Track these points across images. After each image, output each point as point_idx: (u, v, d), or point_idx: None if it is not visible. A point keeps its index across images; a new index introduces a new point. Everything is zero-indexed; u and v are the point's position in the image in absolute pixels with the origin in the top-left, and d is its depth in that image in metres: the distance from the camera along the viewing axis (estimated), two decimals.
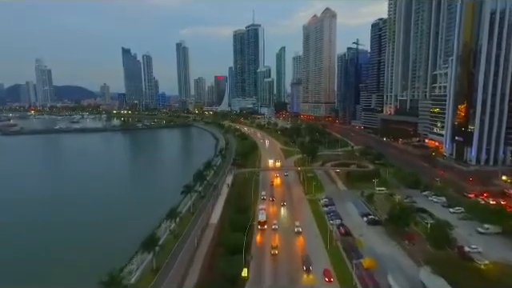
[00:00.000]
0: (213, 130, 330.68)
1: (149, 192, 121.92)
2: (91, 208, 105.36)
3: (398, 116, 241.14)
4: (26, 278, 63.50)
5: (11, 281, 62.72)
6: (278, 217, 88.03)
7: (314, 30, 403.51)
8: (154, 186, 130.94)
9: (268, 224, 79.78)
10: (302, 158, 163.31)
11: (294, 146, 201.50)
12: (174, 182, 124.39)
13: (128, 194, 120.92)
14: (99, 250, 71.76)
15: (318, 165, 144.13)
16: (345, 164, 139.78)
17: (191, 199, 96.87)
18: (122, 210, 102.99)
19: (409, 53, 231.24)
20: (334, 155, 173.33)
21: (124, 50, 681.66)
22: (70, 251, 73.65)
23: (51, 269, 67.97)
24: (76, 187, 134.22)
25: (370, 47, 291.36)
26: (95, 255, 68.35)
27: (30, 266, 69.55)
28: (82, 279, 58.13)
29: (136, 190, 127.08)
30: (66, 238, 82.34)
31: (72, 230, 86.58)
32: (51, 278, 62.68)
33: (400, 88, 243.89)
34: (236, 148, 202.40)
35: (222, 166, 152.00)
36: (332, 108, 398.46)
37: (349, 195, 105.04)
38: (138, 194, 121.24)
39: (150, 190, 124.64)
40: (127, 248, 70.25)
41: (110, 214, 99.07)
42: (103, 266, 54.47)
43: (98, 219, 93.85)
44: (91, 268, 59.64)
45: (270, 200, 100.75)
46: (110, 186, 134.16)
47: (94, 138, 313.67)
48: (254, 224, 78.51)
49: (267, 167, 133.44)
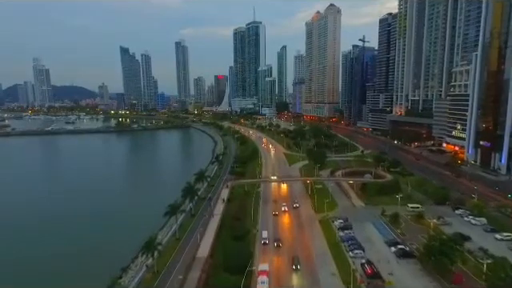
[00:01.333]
0: (211, 131, 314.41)
1: (131, 210, 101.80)
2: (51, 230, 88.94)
3: (410, 117, 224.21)
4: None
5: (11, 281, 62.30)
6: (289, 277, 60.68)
7: (318, 27, 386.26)
8: (139, 201, 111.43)
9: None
10: (309, 165, 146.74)
11: (299, 150, 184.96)
12: (163, 194, 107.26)
13: (103, 213, 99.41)
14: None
15: (328, 173, 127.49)
16: (357, 173, 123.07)
17: (177, 221, 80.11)
18: (90, 236, 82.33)
19: (421, 49, 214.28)
20: (344, 161, 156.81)
21: (122, 49, 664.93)
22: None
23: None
24: (46, 200, 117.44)
25: (378, 44, 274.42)
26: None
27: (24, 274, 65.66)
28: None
29: (117, 206, 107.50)
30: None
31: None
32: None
33: (411, 87, 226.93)
34: (235, 153, 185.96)
35: (219, 174, 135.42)
36: (336, 108, 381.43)
37: (367, 214, 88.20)
38: (117, 212, 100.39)
39: (134, 205, 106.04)
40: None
41: (75, 240, 79.46)
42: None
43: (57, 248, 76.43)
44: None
45: (273, 246, 70.00)
46: (87, 198, 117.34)
47: (85, 139, 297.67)
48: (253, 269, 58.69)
49: (269, 178, 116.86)
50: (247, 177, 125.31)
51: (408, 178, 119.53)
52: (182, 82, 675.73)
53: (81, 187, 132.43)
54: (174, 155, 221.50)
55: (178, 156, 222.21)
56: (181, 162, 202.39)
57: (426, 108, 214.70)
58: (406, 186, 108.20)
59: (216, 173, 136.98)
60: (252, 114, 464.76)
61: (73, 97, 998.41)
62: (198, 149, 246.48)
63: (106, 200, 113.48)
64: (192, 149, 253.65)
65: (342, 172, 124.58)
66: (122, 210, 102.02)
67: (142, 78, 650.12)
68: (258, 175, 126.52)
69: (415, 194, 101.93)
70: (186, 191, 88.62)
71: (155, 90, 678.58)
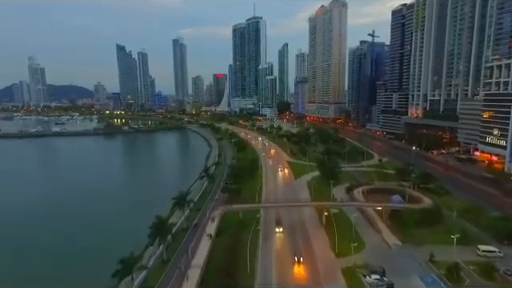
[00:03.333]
0: (207, 134, 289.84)
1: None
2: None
3: (429, 119, 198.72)
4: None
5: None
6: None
7: (322, 22, 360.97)
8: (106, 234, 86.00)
9: None
10: (318, 177, 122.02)
11: (304, 158, 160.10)
12: (137, 223, 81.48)
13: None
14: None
15: (343, 190, 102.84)
16: (381, 191, 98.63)
17: (133, 282, 55.03)
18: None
19: (443, 42, 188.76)
20: (359, 172, 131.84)
21: (119, 47, 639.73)
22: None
23: None
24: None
25: (391, 38, 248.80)
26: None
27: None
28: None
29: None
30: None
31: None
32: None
33: (431, 86, 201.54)
34: (231, 160, 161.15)
35: (209, 192, 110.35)
36: (342, 109, 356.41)
37: (408, 260, 62.98)
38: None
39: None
40: None
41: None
42: None
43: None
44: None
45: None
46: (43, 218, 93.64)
47: (71, 142, 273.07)
48: None
49: (270, 201, 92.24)
50: (244, 195, 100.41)
51: (445, 199, 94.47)
52: (180, 81, 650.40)
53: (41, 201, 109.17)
54: (163, 162, 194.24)
55: (167, 164, 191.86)
56: (169, 173, 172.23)
57: (448, 109, 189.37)
58: (448, 210, 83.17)
59: (206, 189, 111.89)
60: (252, 114, 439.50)
61: (72, 96, 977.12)
62: (191, 155, 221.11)
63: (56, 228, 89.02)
64: (184, 155, 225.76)
65: (363, 190, 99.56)
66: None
67: (139, 77, 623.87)
68: (256, 193, 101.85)
69: (464, 225, 76.61)
70: (154, 229, 63.29)
71: (152, 89, 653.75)
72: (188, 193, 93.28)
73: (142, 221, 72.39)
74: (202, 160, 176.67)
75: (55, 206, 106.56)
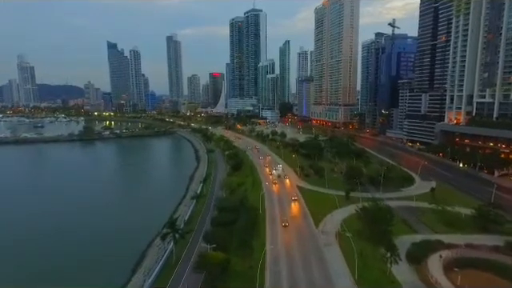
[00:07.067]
0: (197, 142, 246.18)
1: None
2: None
3: (477, 128, 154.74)
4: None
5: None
6: None
7: (330, 13, 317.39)
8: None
9: None
10: (353, 219, 79.09)
11: (322, 180, 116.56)
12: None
13: None
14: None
15: (404, 261, 59.48)
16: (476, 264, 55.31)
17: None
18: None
19: (499, 26, 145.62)
20: (408, 210, 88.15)
21: (110, 45, 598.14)
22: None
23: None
24: None
25: (419, 27, 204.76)
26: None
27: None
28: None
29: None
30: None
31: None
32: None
33: (478, 84, 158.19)
34: (221, 189, 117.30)
35: (174, 265, 65.72)
36: (354, 112, 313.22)
37: None
38: None
39: None
40: None
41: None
42: None
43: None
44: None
45: None
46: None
47: (33, 152, 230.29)
48: None
49: None
50: (232, 274, 57.21)
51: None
52: (174, 80, 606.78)
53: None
54: (131, 186, 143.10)
55: (136, 188, 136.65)
56: (133, 206, 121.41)
57: (504, 114, 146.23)
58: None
59: (168, 262, 66.23)
60: (251, 117, 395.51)
61: (66, 96, 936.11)
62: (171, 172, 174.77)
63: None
64: (161, 174, 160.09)
65: (444, 260, 55.94)
66: None
67: (131, 76, 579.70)
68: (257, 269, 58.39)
69: None
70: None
71: (146, 89, 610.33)
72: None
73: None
74: (182, 184, 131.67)
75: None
